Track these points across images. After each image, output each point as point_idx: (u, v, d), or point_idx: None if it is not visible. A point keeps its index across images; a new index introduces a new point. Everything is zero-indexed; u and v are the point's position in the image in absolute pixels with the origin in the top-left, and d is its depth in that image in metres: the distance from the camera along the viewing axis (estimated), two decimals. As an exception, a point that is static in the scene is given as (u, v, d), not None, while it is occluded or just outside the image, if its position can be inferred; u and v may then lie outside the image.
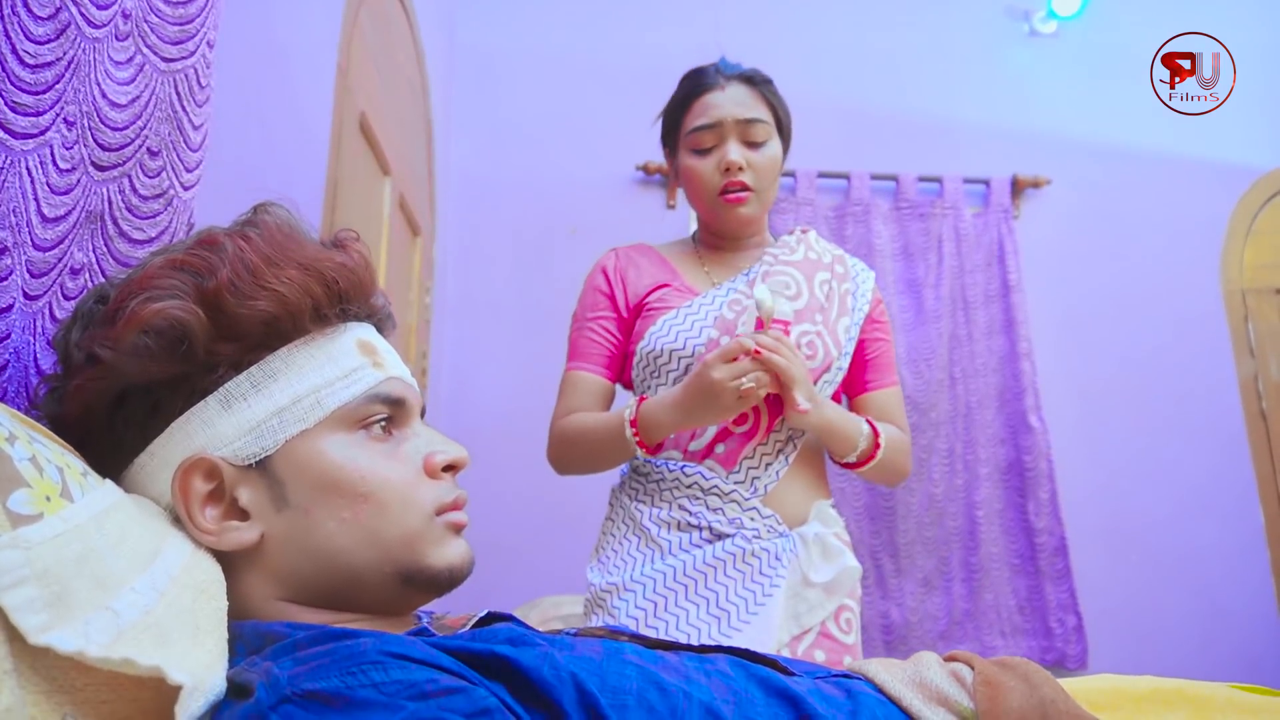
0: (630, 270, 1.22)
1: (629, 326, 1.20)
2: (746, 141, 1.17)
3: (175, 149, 0.78)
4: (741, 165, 1.16)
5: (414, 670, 0.44)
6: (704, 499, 1.10)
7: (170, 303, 0.53)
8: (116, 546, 0.47)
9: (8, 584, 0.39)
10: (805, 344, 1.14)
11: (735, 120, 1.16)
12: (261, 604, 0.55)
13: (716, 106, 1.17)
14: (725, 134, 1.16)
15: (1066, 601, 2.55)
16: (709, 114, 1.18)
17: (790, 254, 1.21)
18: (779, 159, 1.20)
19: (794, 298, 1.17)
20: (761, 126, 1.17)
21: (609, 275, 1.23)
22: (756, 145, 1.17)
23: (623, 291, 1.21)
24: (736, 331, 1.14)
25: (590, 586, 1.13)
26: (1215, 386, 2.87)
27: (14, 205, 0.59)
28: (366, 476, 0.56)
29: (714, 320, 1.15)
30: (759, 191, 1.18)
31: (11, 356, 0.60)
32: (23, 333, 0.62)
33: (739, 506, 1.10)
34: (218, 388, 0.56)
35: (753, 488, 1.11)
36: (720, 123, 1.17)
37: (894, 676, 0.60)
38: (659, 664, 0.54)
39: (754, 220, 1.21)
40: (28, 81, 0.60)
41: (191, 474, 0.54)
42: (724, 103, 1.17)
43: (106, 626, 0.42)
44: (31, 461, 0.45)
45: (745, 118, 1.16)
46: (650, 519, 1.12)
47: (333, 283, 0.59)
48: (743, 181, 1.16)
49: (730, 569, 1.08)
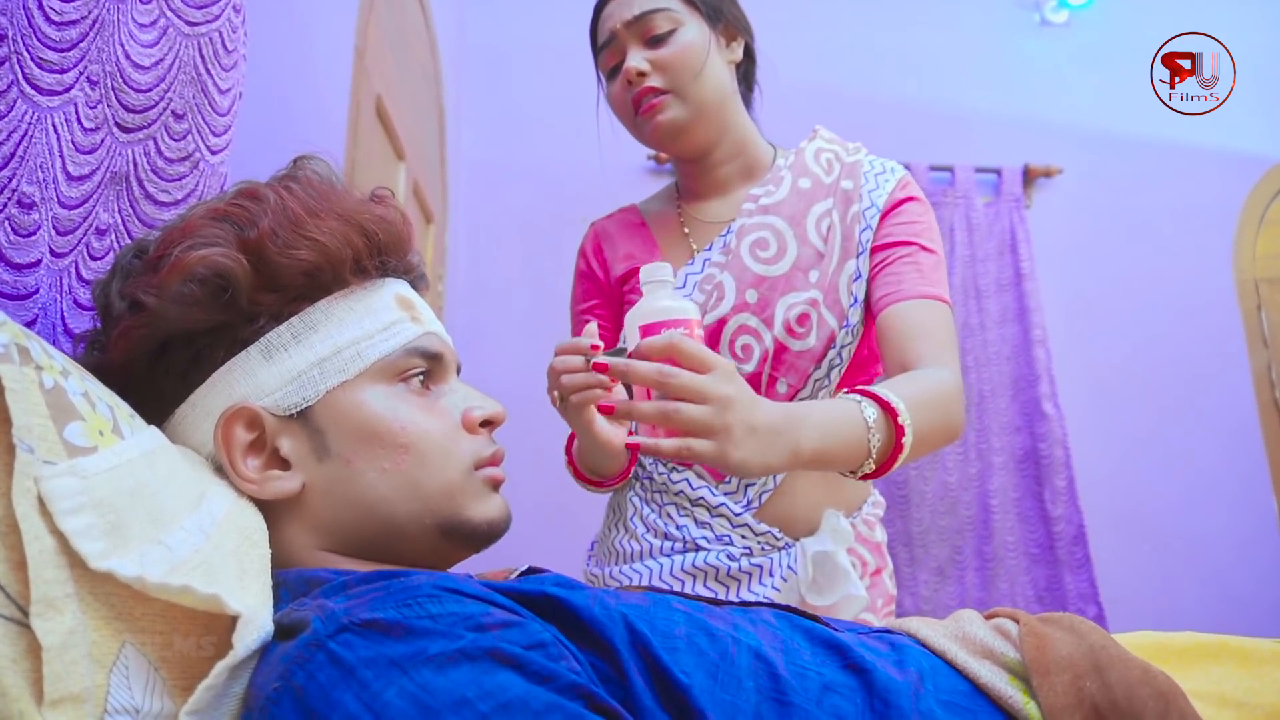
0: (606, 246, 1.09)
1: (617, 303, 1.08)
2: (646, 41, 0.97)
3: (200, 112, 0.78)
4: (641, 69, 0.95)
5: (469, 604, 0.43)
6: (691, 510, 0.96)
7: (214, 250, 0.53)
8: (167, 485, 0.47)
9: (68, 509, 0.39)
10: (795, 319, 0.94)
11: (625, 24, 0.97)
12: (302, 553, 0.55)
13: (607, 18, 1.00)
14: (623, 44, 0.98)
15: (1087, 591, 2.53)
16: (603, 30, 1.00)
17: (776, 190, 1.00)
18: (694, 46, 0.96)
19: (770, 260, 0.96)
20: (659, 16, 0.96)
21: (588, 256, 1.10)
22: (659, 40, 0.96)
23: (602, 269, 1.08)
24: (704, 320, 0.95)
25: (591, 577, 1.06)
26: (1228, 376, 2.86)
27: (41, 161, 0.59)
28: (407, 427, 0.56)
29: None
30: (677, 91, 0.96)
31: (40, 312, 0.60)
32: (50, 289, 0.62)
33: (728, 522, 0.95)
34: (259, 338, 0.56)
35: (745, 499, 0.95)
36: (614, 34, 0.98)
37: (935, 632, 0.60)
38: (706, 612, 0.53)
39: (687, 129, 0.98)
40: (53, 38, 0.60)
41: (234, 423, 0.54)
42: (614, 10, 0.99)
43: (160, 559, 0.42)
44: (84, 396, 0.45)
45: (634, 15, 0.96)
46: (636, 517, 0.99)
47: (373, 235, 0.59)
48: (650, 87, 0.96)
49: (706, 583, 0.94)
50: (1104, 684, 0.50)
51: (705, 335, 0.94)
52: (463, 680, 0.39)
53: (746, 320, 0.96)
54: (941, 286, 0.93)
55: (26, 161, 0.58)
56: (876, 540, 1.01)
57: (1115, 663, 0.51)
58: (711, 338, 0.96)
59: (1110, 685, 0.50)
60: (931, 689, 0.53)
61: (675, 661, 0.47)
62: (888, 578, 1.00)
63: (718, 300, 0.96)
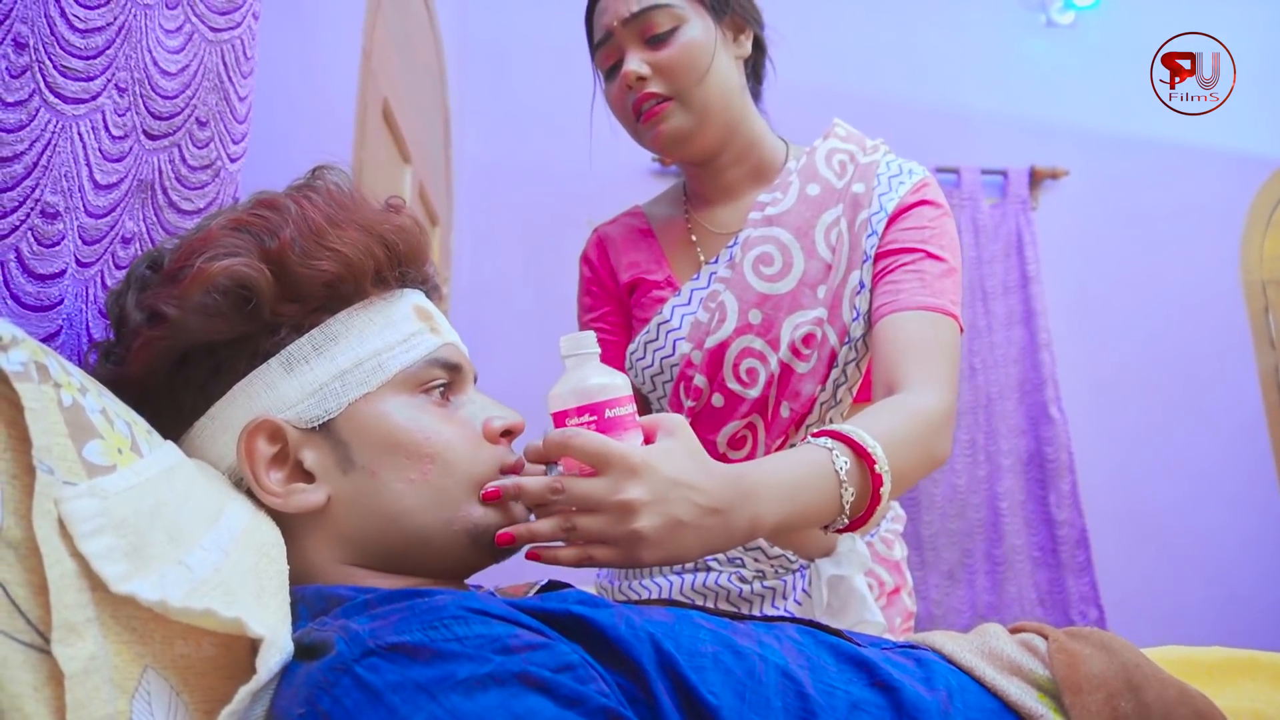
0: (611, 252, 1.04)
1: (627, 309, 1.02)
2: (645, 40, 0.89)
3: (222, 120, 0.78)
4: (641, 74, 0.88)
5: (495, 625, 0.43)
6: None
7: (236, 260, 0.53)
8: (185, 503, 0.46)
9: (88, 531, 0.38)
10: (801, 339, 0.89)
11: (622, 21, 0.89)
12: (325, 567, 0.55)
13: (603, 12, 0.92)
14: (621, 43, 0.90)
15: (1088, 594, 2.53)
16: (599, 25, 0.92)
17: (784, 199, 0.93)
18: (698, 46, 0.88)
19: (774, 277, 0.90)
20: (659, 13, 0.88)
21: (592, 263, 1.05)
22: (660, 40, 0.88)
23: (609, 276, 1.03)
24: (705, 343, 0.90)
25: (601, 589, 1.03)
26: (1234, 378, 2.85)
27: (66, 170, 0.58)
28: (431, 438, 0.56)
29: (689, 328, 0.93)
30: (680, 96, 0.89)
31: (65, 323, 0.59)
32: (75, 300, 0.61)
33: (740, 547, 0.88)
34: (280, 350, 0.55)
35: None
36: (610, 31, 0.90)
37: (961, 647, 0.59)
38: (730, 629, 0.53)
39: (692, 137, 0.91)
40: (77, 46, 0.59)
41: (256, 436, 0.53)
42: (610, 4, 0.91)
43: (180, 580, 0.41)
44: (103, 414, 0.44)
45: (632, 11, 0.88)
46: None
47: (393, 245, 0.59)
48: (651, 92, 0.89)
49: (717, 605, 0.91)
50: (1140, 703, 0.49)
51: (706, 359, 0.91)
52: (492, 705, 0.38)
53: (750, 343, 0.90)
54: (946, 297, 0.84)
55: (50, 171, 0.57)
56: (895, 558, 0.98)
57: (1151, 681, 0.50)
58: (713, 362, 0.91)
59: (1147, 705, 0.49)
60: (960, 707, 0.52)
61: (703, 681, 0.46)
62: (906, 595, 0.97)
63: (719, 322, 0.91)
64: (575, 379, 0.61)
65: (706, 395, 0.93)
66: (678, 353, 0.93)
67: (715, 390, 0.93)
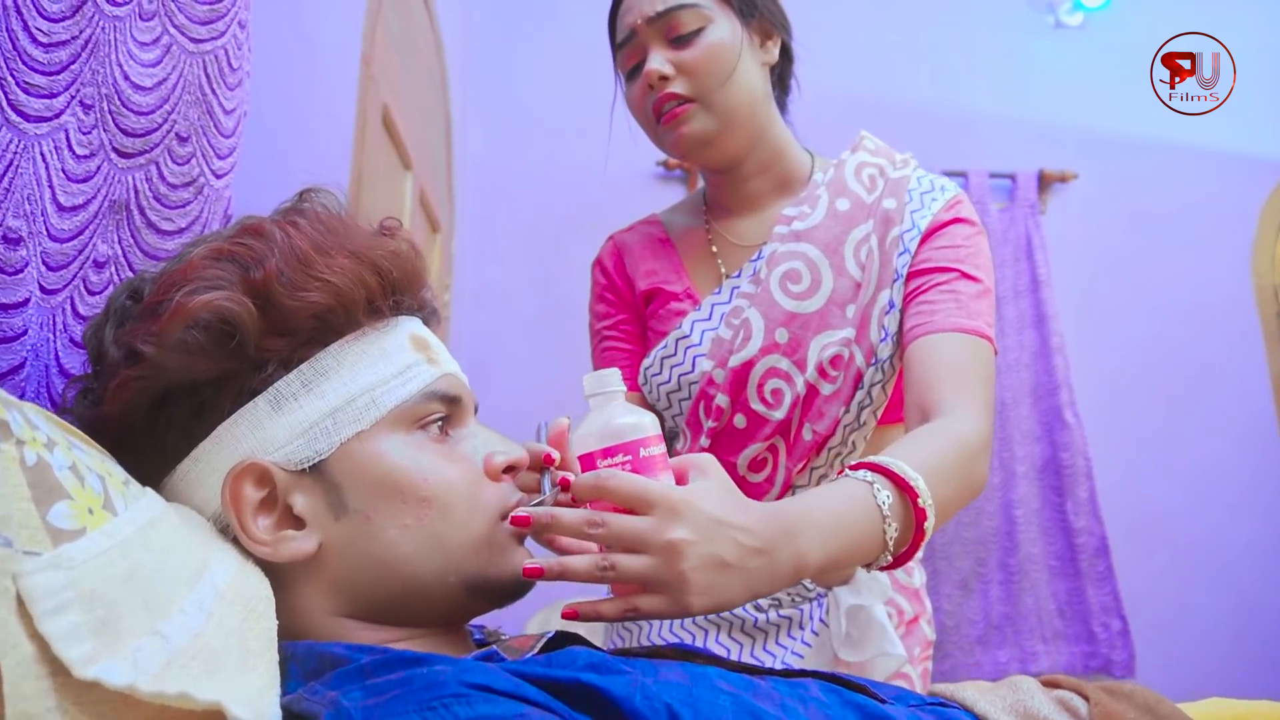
0: (627, 260, 1.01)
1: (643, 319, 0.99)
2: (671, 40, 0.87)
3: (206, 134, 0.74)
4: (664, 73, 0.86)
5: (500, 704, 0.39)
6: None
7: (218, 294, 0.49)
8: (163, 563, 0.42)
9: (49, 609, 0.34)
10: (829, 360, 0.86)
11: (647, 20, 0.87)
12: (316, 619, 0.51)
13: (627, 11, 0.90)
14: (645, 42, 0.88)
15: (1110, 604, 2.47)
16: (623, 25, 0.90)
17: (812, 213, 0.90)
18: (724, 47, 0.86)
19: (802, 295, 0.87)
20: (685, 12, 0.86)
21: (607, 270, 1.02)
22: (685, 40, 0.86)
23: (625, 283, 1.00)
24: (729, 361, 0.87)
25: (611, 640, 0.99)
26: (1246, 382, 2.81)
27: (28, 192, 0.55)
28: (430, 479, 0.52)
29: (710, 345, 0.90)
30: (703, 98, 0.86)
31: (30, 354, 0.56)
32: (41, 329, 0.57)
33: None
34: (267, 387, 0.51)
35: None
36: (634, 30, 0.88)
37: (994, 705, 0.55)
38: (752, 691, 0.49)
39: (715, 141, 0.88)
40: (40, 61, 0.56)
41: (242, 480, 0.50)
42: (634, 3, 0.89)
43: (155, 654, 0.38)
44: (72, 470, 0.40)
45: (657, 10, 0.86)
46: None
47: (386, 272, 0.55)
48: (672, 93, 0.86)
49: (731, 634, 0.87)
50: (1192, 775, 0.46)
51: (730, 378, 0.87)
52: None
53: (777, 363, 0.87)
54: (982, 319, 0.82)
55: (13, 194, 0.54)
56: (915, 586, 0.95)
57: (1204, 751, 0.47)
58: (737, 381, 0.88)
59: (1200, 777, 0.45)
60: (997, 773, 0.48)
61: (723, 755, 0.43)
62: (925, 623, 0.94)
63: (744, 340, 0.88)
64: (602, 418, 0.58)
65: (729, 415, 0.89)
66: (698, 370, 0.90)
67: (738, 411, 0.89)
